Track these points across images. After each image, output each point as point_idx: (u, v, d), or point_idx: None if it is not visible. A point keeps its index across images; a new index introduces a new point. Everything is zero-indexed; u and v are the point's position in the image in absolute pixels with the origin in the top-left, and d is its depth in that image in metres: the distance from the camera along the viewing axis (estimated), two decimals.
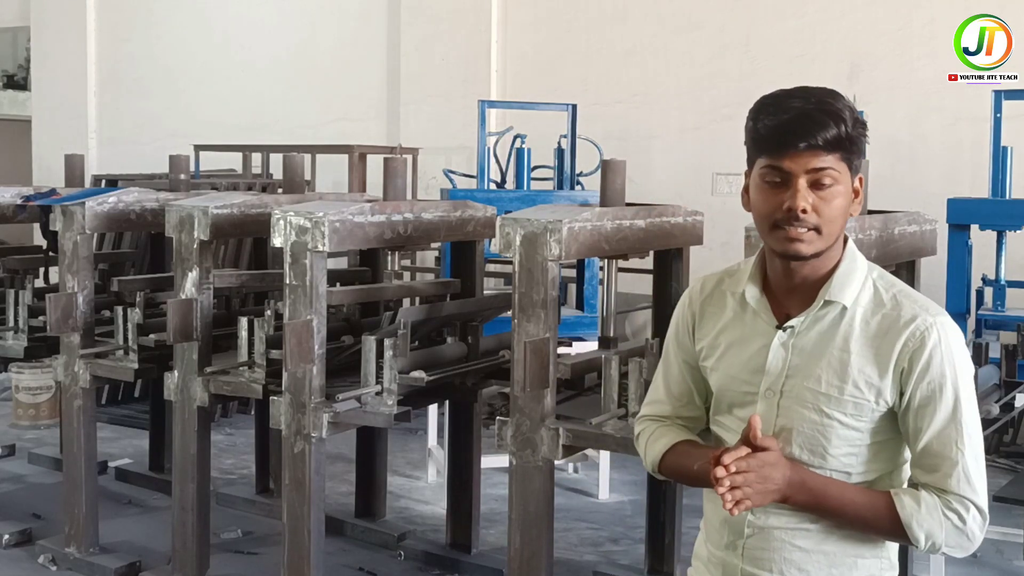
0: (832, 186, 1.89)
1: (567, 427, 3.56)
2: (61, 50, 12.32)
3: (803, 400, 1.96)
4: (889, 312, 1.95)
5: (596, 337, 4.86)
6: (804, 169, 1.87)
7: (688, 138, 8.62)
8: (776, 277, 2.02)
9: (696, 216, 4.28)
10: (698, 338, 2.14)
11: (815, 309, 1.97)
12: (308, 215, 3.89)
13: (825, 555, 1.99)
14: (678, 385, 2.19)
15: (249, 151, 9.93)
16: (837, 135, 1.86)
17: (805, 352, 1.97)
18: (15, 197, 5.67)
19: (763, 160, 1.91)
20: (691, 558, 2.24)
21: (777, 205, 1.90)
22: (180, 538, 4.63)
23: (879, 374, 1.92)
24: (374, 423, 4.30)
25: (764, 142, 1.90)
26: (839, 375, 1.94)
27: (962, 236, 5.62)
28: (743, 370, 2.03)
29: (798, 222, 1.88)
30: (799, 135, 1.86)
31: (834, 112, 1.87)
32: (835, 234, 1.94)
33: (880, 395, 1.93)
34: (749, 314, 2.05)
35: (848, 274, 1.97)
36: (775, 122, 1.88)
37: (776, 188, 1.90)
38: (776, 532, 2.00)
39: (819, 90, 1.92)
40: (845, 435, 1.95)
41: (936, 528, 1.90)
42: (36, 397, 7.60)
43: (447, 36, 9.70)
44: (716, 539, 2.10)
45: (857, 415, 1.94)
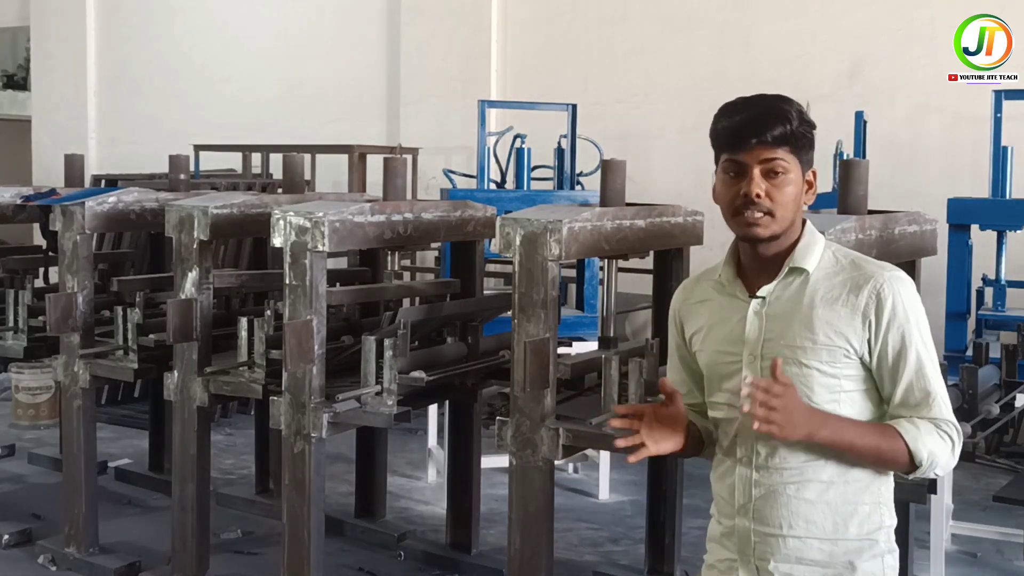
0: (783, 175, 2.17)
1: (567, 427, 3.55)
2: (61, 50, 12.32)
3: (783, 357, 2.15)
4: (849, 273, 2.21)
5: (596, 337, 4.86)
6: (757, 160, 2.16)
7: (688, 138, 8.60)
8: (747, 259, 2.28)
9: (696, 216, 4.28)
10: (687, 331, 2.39)
11: (781, 277, 2.23)
12: (308, 215, 3.89)
13: (828, 504, 2.18)
14: (677, 374, 2.45)
15: (249, 151, 9.92)
16: (783, 132, 2.15)
17: (778, 317, 2.21)
18: (15, 197, 5.67)
19: (724, 156, 2.23)
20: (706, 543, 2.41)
21: (736, 193, 2.19)
22: (180, 538, 4.62)
23: (846, 322, 2.16)
24: (374, 423, 4.30)
25: (723, 140, 2.22)
26: (810, 328, 2.17)
27: (962, 236, 5.62)
28: (725, 343, 2.27)
29: (754, 206, 2.16)
30: (751, 132, 2.16)
31: (781, 113, 2.16)
32: (788, 218, 2.19)
33: (849, 342, 2.16)
34: (727, 294, 2.30)
35: (809, 246, 2.24)
36: (730, 123, 2.20)
37: (735, 179, 2.20)
38: (781, 488, 2.19)
39: (771, 96, 2.22)
40: (825, 382, 2.17)
41: (935, 447, 2.13)
42: (36, 397, 7.60)
43: (447, 36, 9.69)
44: (727, 510, 2.30)
45: (831, 361, 2.16)
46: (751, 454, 2.22)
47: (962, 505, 5.50)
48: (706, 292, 2.35)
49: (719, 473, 2.32)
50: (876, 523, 2.22)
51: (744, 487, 2.24)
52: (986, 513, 5.52)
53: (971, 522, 5.23)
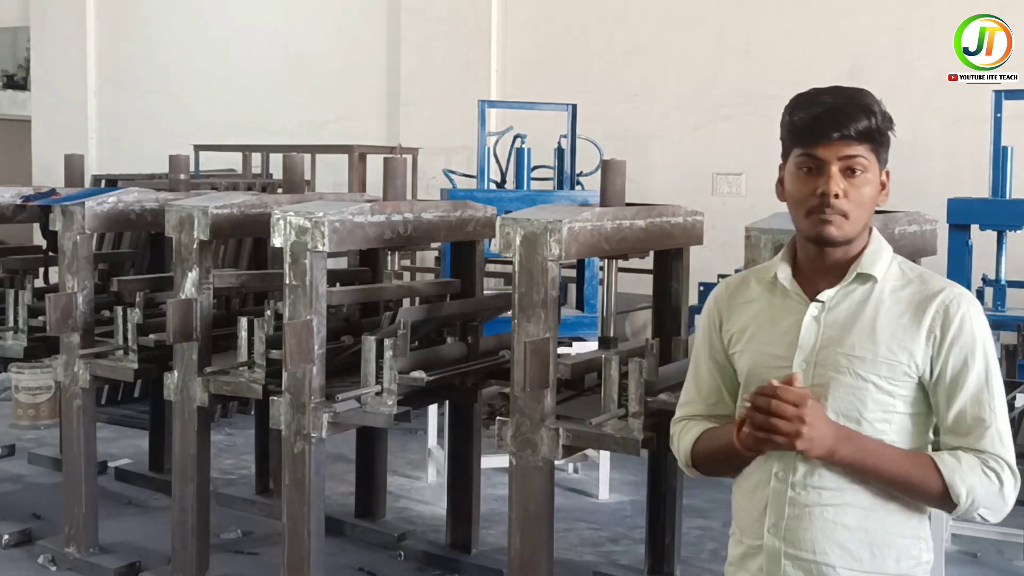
0: (862, 173, 2.02)
1: (567, 427, 3.56)
2: (61, 50, 12.32)
3: (838, 366, 2.04)
4: (917, 286, 2.07)
5: (596, 337, 4.86)
6: (836, 156, 2.01)
7: (688, 138, 8.62)
8: (808, 260, 2.13)
9: (696, 216, 4.28)
10: (725, 331, 2.23)
11: (846, 283, 2.09)
12: (308, 215, 3.89)
13: (866, 532, 2.04)
14: (707, 383, 2.27)
15: (249, 151, 9.92)
16: (868, 127, 2.01)
17: (837, 324, 2.07)
18: (15, 197, 5.67)
19: (798, 150, 2.05)
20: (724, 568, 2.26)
21: (811, 191, 2.03)
22: (180, 538, 4.62)
23: (911, 338, 2.02)
24: (374, 423, 4.30)
25: (800, 133, 2.04)
26: (871, 340, 2.03)
27: (962, 236, 5.61)
28: (775, 346, 2.12)
29: (830, 208, 2.01)
30: (833, 125, 2.00)
31: (865, 106, 2.02)
32: (863, 220, 2.06)
33: (912, 358, 2.02)
34: (779, 295, 2.15)
35: (877, 253, 2.10)
36: (810, 115, 2.02)
37: (810, 175, 2.03)
38: (818, 510, 2.04)
39: (851, 89, 2.07)
40: (880, 399, 2.03)
41: (977, 484, 1.97)
42: (36, 397, 7.60)
43: (447, 36, 9.69)
44: (755, 529, 2.13)
45: (891, 378, 2.03)
46: (788, 470, 2.07)
47: None
48: (754, 292, 2.20)
49: (747, 487, 2.16)
50: (915, 559, 2.08)
51: (777, 505, 2.08)
52: None
53: (971, 522, 5.22)
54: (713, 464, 2.22)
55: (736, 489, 2.21)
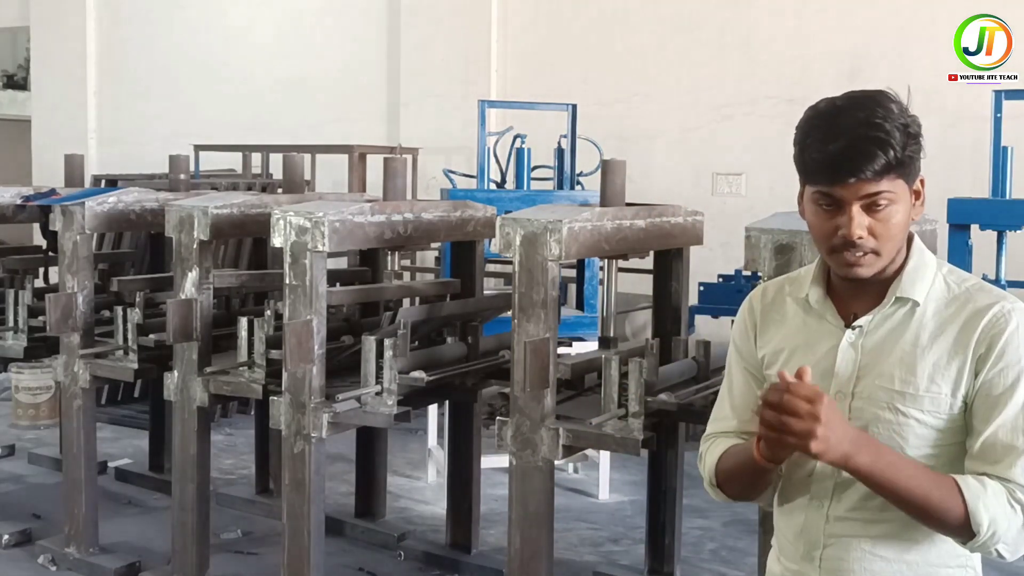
0: (888, 207, 1.82)
1: (567, 427, 3.56)
2: (61, 50, 12.32)
3: (876, 400, 1.88)
4: (964, 303, 1.88)
5: (596, 337, 4.86)
6: (856, 196, 1.81)
7: (688, 138, 8.62)
8: (839, 281, 1.95)
9: (696, 216, 4.28)
10: (760, 345, 2.07)
11: (885, 307, 1.91)
12: (308, 215, 3.89)
13: (908, 565, 1.91)
14: (742, 396, 2.09)
15: (249, 151, 9.92)
16: (887, 162, 1.79)
17: (876, 351, 1.90)
18: (15, 197, 5.67)
19: (813, 187, 1.86)
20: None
21: (832, 230, 1.85)
22: (180, 538, 4.62)
23: (955, 366, 1.85)
24: (374, 423, 4.30)
25: (812, 173, 1.85)
26: (912, 371, 1.87)
27: (962, 236, 5.61)
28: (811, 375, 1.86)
29: (854, 248, 1.83)
30: (848, 171, 1.79)
31: (881, 140, 1.78)
32: (895, 249, 1.88)
33: (957, 388, 1.85)
34: (814, 317, 1.99)
35: (917, 269, 1.92)
36: (822, 156, 1.81)
37: (830, 212, 1.85)
38: (856, 541, 1.92)
39: (867, 103, 1.82)
40: (923, 434, 1.87)
41: (1000, 515, 1.79)
42: (36, 397, 7.60)
43: (447, 36, 9.69)
44: (791, 553, 2.02)
45: (935, 411, 1.86)
46: (825, 497, 1.94)
47: None
48: (789, 308, 2.03)
49: (785, 509, 2.03)
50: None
51: (811, 533, 1.95)
52: None
53: None
54: (736, 482, 2.03)
55: (776, 507, 2.07)
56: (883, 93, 1.85)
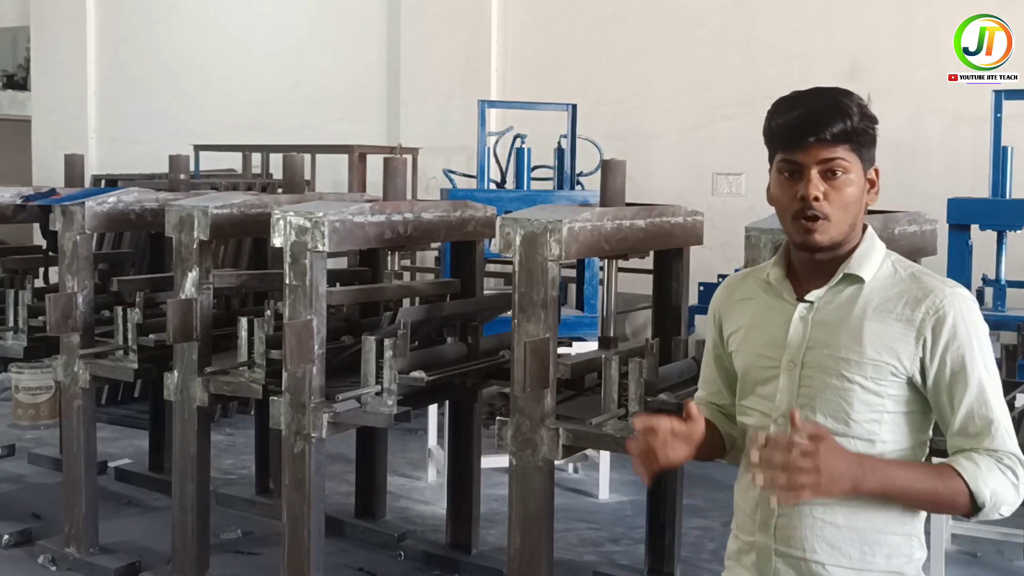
0: (843, 175, 2.03)
1: (567, 427, 3.56)
2: (61, 50, 12.31)
3: (825, 367, 2.05)
4: (907, 285, 2.06)
5: (596, 337, 4.85)
6: (815, 160, 2.02)
7: (688, 138, 8.62)
8: (799, 261, 2.14)
9: (696, 216, 4.28)
10: (726, 330, 2.27)
11: (834, 283, 2.09)
12: (308, 215, 3.89)
13: (856, 531, 2.04)
14: (709, 374, 2.35)
15: (249, 151, 9.92)
16: (844, 129, 2.00)
17: (825, 324, 2.08)
18: (15, 197, 5.66)
19: (779, 155, 2.07)
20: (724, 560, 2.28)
21: (793, 195, 2.04)
22: (180, 538, 4.63)
23: (898, 339, 2.02)
24: (374, 423, 4.30)
25: (778, 138, 2.07)
26: (858, 340, 2.03)
27: (962, 236, 5.61)
28: (765, 346, 2.14)
29: (812, 210, 2.02)
30: (808, 130, 2.01)
31: (841, 108, 2.01)
32: (849, 221, 2.06)
33: (899, 359, 2.02)
34: (773, 295, 2.17)
35: (867, 252, 2.10)
36: (786, 120, 2.04)
37: (791, 180, 2.05)
38: (807, 508, 2.04)
39: (830, 89, 2.07)
40: (867, 399, 2.03)
41: (998, 485, 1.95)
42: (36, 397, 7.60)
43: (447, 36, 9.69)
44: (748, 525, 2.16)
45: (877, 378, 2.02)
46: None
47: None
48: (751, 291, 2.23)
49: (743, 485, 2.18)
50: (906, 556, 2.08)
51: (767, 502, 2.07)
52: None
53: (971, 522, 5.23)
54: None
55: (736, 485, 2.23)
56: (846, 88, 2.08)
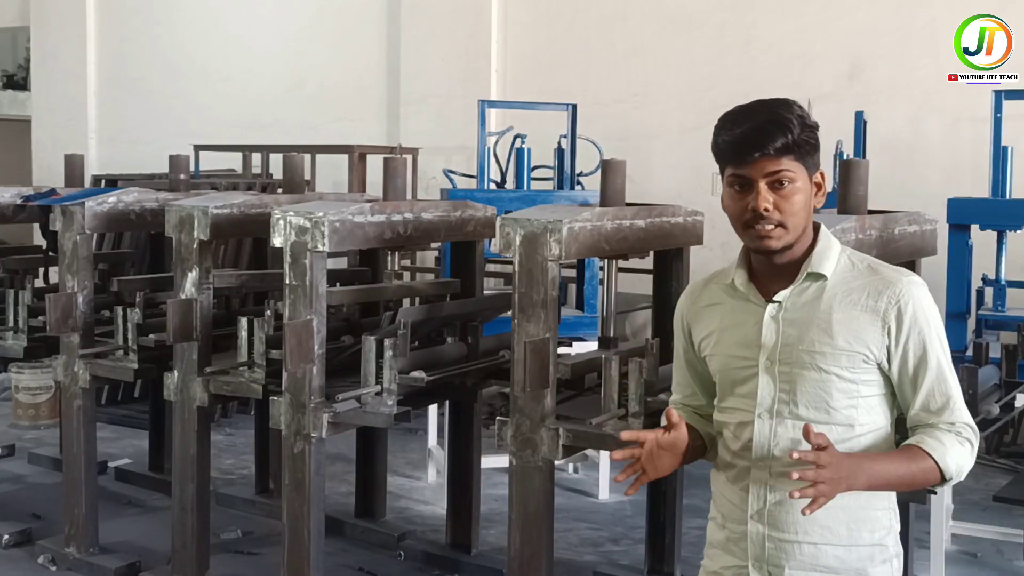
0: (789, 184, 2.13)
1: (567, 427, 3.55)
2: (61, 50, 12.32)
3: (801, 363, 2.17)
4: (866, 278, 2.20)
5: (596, 337, 4.86)
6: (762, 174, 2.13)
7: (688, 138, 8.61)
8: (760, 265, 2.25)
9: (696, 216, 4.28)
10: (695, 336, 2.37)
11: (799, 282, 2.21)
12: (308, 215, 3.89)
13: (843, 510, 2.16)
14: (682, 378, 2.46)
15: (249, 151, 9.92)
16: (785, 142, 2.11)
17: (795, 321, 2.19)
18: (15, 197, 5.67)
19: (728, 169, 2.18)
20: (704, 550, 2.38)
21: (744, 207, 2.15)
22: (180, 538, 4.62)
23: (865, 328, 2.15)
24: (374, 423, 4.30)
25: (725, 154, 2.18)
26: (828, 333, 2.16)
27: (962, 236, 5.62)
28: (740, 348, 2.24)
29: (763, 220, 2.13)
30: (753, 146, 2.12)
31: (781, 122, 2.12)
32: (800, 226, 2.17)
33: (868, 347, 2.15)
34: (739, 298, 2.27)
35: (825, 250, 2.22)
36: (731, 137, 2.15)
37: (742, 192, 2.16)
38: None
39: (771, 103, 2.17)
40: (843, 388, 2.16)
41: (960, 456, 2.13)
42: (36, 397, 7.60)
43: (447, 36, 9.69)
44: (737, 515, 2.26)
45: (851, 367, 2.15)
46: (767, 460, 2.19)
47: (962, 505, 5.50)
48: (716, 296, 2.32)
49: (728, 477, 2.29)
50: (886, 527, 2.23)
51: (760, 492, 2.21)
52: (986, 513, 5.52)
53: (971, 522, 5.23)
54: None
55: (716, 477, 2.35)
56: (786, 99, 2.18)
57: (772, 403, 2.19)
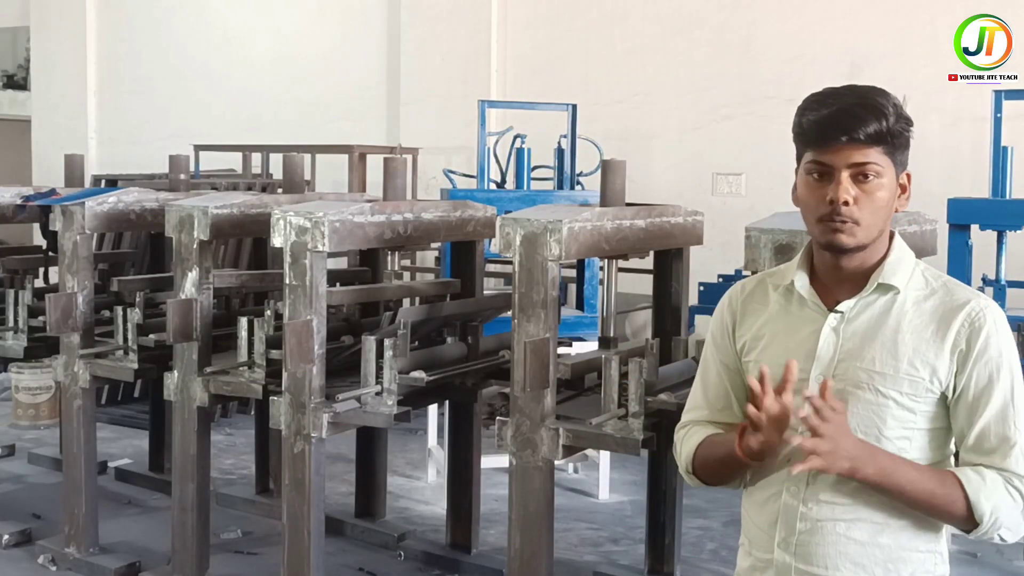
0: (874, 179, 1.93)
1: (567, 427, 3.56)
2: (61, 50, 12.32)
3: (857, 381, 1.97)
4: (941, 297, 1.99)
5: (596, 337, 4.85)
6: (846, 163, 1.92)
7: (688, 138, 8.62)
8: (825, 268, 2.05)
9: (696, 216, 4.28)
10: (739, 336, 2.15)
11: (866, 293, 2.01)
12: (308, 215, 3.89)
13: (881, 548, 1.99)
14: (715, 389, 2.19)
15: (249, 151, 9.92)
16: (878, 129, 1.91)
17: (857, 335, 1.99)
18: (15, 197, 5.67)
19: (808, 155, 1.97)
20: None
21: (821, 198, 1.95)
22: (180, 538, 4.62)
23: (934, 353, 1.95)
24: (374, 423, 4.30)
25: (808, 136, 1.96)
26: (893, 354, 1.96)
27: (962, 236, 5.61)
28: (791, 356, 1.98)
29: (840, 215, 1.93)
30: (841, 129, 1.91)
31: (876, 107, 1.92)
32: (878, 226, 1.97)
33: (935, 374, 1.95)
34: (796, 303, 2.07)
35: (899, 261, 2.02)
36: (818, 117, 1.94)
37: (820, 181, 1.95)
38: (830, 525, 1.99)
39: (865, 88, 1.97)
40: (900, 416, 1.96)
41: (1001, 503, 1.92)
42: (36, 397, 7.60)
43: (447, 36, 9.69)
44: (764, 542, 2.07)
45: (912, 394, 1.96)
46: (800, 484, 2.00)
47: None
48: (769, 296, 2.12)
49: (758, 500, 2.09)
50: (929, 572, 2.05)
51: (788, 519, 2.02)
52: None
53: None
54: (713, 472, 2.14)
55: (746, 499, 2.14)
56: (882, 88, 1.98)
57: None
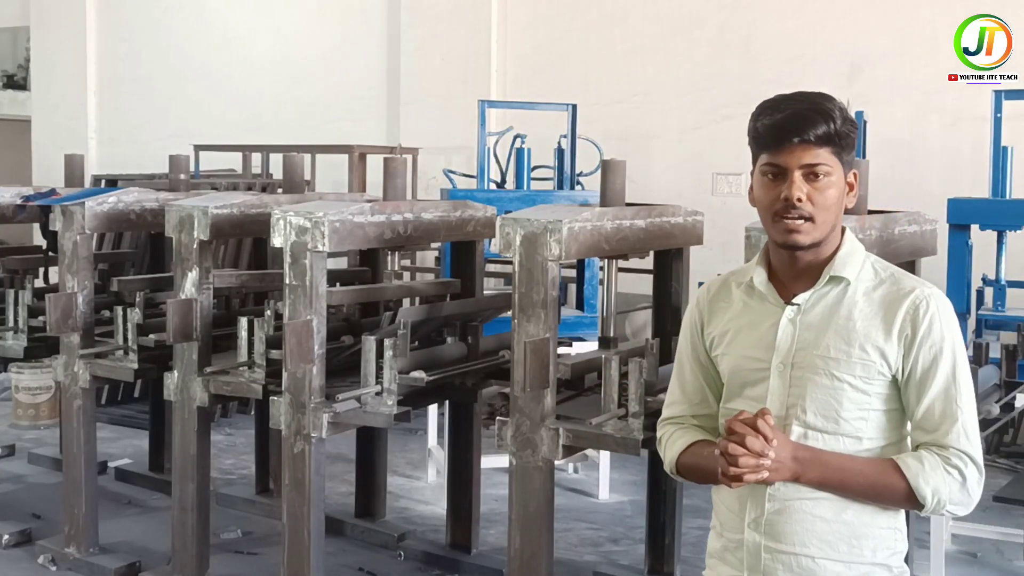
0: (825, 177, 2.09)
1: (567, 427, 3.56)
2: (61, 50, 12.33)
3: (814, 368, 2.11)
4: (889, 286, 2.14)
5: (596, 337, 4.85)
6: (798, 163, 2.08)
7: (688, 138, 8.62)
8: (781, 265, 2.19)
9: (696, 216, 4.28)
10: (707, 333, 2.30)
11: (820, 286, 2.15)
12: (308, 215, 3.89)
13: (845, 524, 2.11)
14: (691, 384, 2.35)
15: (249, 151, 9.93)
16: (827, 131, 2.07)
17: (812, 326, 2.14)
18: (15, 197, 5.66)
19: (763, 157, 2.12)
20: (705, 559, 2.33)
21: (776, 196, 2.10)
22: (180, 538, 4.62)
23: (883, 338, 2.09)
24: (374, 423, 4.30)
25: (763, 140, 2.11)
26: (846, 341, 2.10)
27: (962, 236, 5.62)
28: (754, 349, 2.18)
29: (795, 211, 2.08)
30: (793, 131, 2.07)
31: (824, 111, 2.08)
32: (830, 223, 2.12)
33: (884, 357, 2.09)
34: (757, 299, 2.22)
35: (850, 254, 2.17)
36: (772, 121, 2.09)
37: (775, 181, 2.11)
38: (797, 503, 2.11)
39: (813, 94, 2.13)
40: (855, 398, 2.10)
41: (940, 484, 2.05)
42: (36, 397, 7.60)
43: (447, 36, 9.70)
44: (735, 523, 2.20)
45: (866, 377, 2.09)
46: None
47: None
48: (733, 294, 2.27)
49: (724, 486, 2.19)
50: (891, 548, 2.15)
51: (757, 500, 2.14)
52: (986, 513, 5.51)
53: (971, 522, 5.22)
54: (696, 478, 2.31)
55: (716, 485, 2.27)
56: (827, 93, 2.15)
57: (780, 408, 2.12)
